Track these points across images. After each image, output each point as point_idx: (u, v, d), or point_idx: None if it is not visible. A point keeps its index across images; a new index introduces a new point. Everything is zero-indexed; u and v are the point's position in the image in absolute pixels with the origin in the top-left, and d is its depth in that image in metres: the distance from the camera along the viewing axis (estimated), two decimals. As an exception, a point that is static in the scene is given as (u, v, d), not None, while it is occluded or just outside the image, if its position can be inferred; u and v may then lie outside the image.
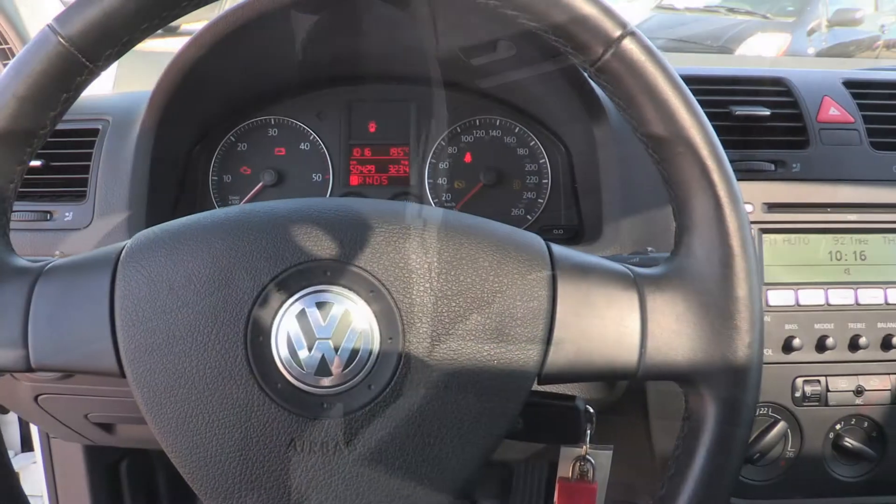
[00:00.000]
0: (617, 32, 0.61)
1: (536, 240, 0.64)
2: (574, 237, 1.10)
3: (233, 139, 1.18)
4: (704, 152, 0.61)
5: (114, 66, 1.51)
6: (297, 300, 0.60)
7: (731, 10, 7.16)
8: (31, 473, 1.64)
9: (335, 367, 0.59)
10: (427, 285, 0.60)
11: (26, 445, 1.81)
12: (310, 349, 0.59)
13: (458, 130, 1.17)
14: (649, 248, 0.93)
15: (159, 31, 0.67)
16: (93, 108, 1.09)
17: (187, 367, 0.59)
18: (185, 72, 1.00)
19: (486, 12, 0.63)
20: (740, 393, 0.61)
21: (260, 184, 1.16)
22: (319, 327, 0.59)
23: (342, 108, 1.19)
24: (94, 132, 1.06)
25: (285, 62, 1.11)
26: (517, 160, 1.17)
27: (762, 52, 6.16)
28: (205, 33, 0.98)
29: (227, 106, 1.16)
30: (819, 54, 6.32)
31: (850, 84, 1.08)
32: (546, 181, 1.16)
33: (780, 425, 0.99)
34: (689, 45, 6.33)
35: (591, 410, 0.85)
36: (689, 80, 1.04)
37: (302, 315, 0.59)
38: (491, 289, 0.60)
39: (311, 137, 1.18)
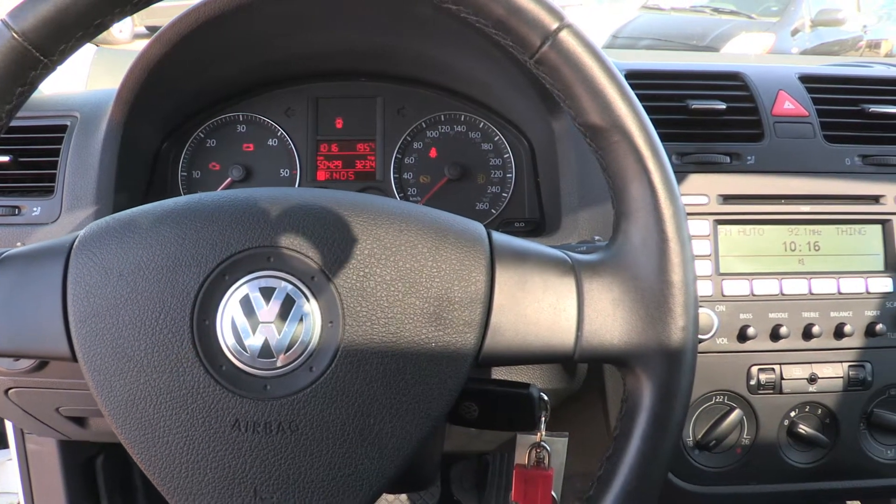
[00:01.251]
0: (554, 25, 0.62)
1: (476, 226, 0.66)
2: (535, 229, 1.12)
3: (202, 135, 1.19)
4: (639, 141, 0.63)
5: (87, 65, 1.52)
6: (241, 285, 0.61)
7: (716, 10, 7.20)
8: (6, 470, 1.65)
9: (277, 350, 0.61)
10: (366, 270, 0.62)
11: (0, 443, 1.81)
12: (253, 333, 0.61)
13: (424, 126, 1.19)
14: (596, 237, 0.95)
15: (145, 31, 0.68)
16: (62, 105, 1.11)
17: (136, 350, 0.61)
18: (149, 69, 1.01)
19: (430, 7, 0.64)
20: (675, 374, 0.63)
21: (228, 179, 1.17)
22: (262, 312, 0.61)
23: (310, 105, 1.20)
24: (63, 128, 1.07)
25: (251, 59, 1.13)
26: (482, 155, 1.18)
27: (747, 51, 6.20)
28: (168, 30, 1.00)
29: (196, 102, 1.17)
30: (804, 53, 6.37)
31: (805, 79, 1.10)
32: (510, 175, 1.17)
33: (736, 413, 1.01)
34: (674, 45, 6.36)
35: (546, 398, 0.87)
36: (648, 74, 1.08)
37: (246, 300, 0.61)
38: (429, 274, 0.62)
39: (279, 133, 1.19)
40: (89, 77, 1.51)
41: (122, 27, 7.30)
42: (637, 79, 1.07)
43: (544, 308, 0.63)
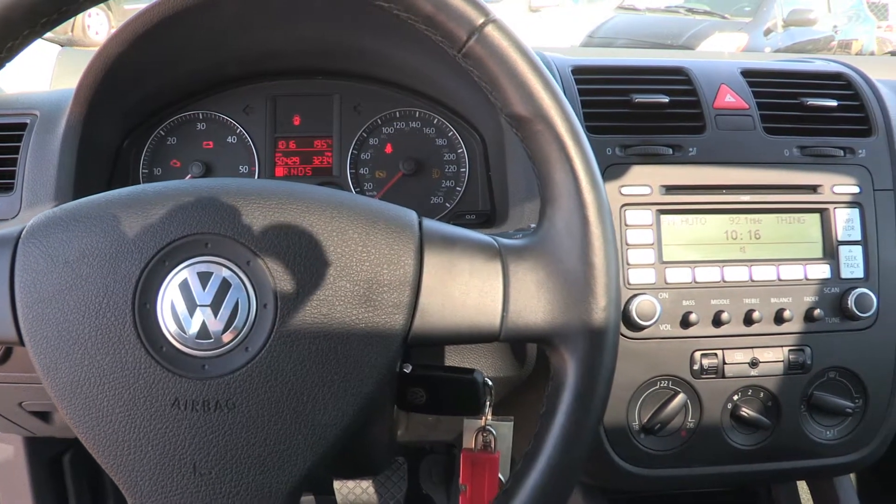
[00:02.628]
0: (480, 20, 0.66)
1: (407, 214, 0.69)
2: (486, 221, 1.15)
3: (162, 133, 1.21)
4: (562, 129, 0.66)
5: (51, 64, 1.54)
6: (180, 271, 0.64)
7: (690, 11, 7.28)
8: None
9: (214, 331, 0.64)
10: (299, 256, 0.65)
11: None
12: (191, 315, 0.64)
13: (379, 122, 1.21)
14: (532, 225, 0.98)
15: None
16: (22, 104, 1.13)
17: (80, 333, 0.64)
18: (107, 67, 1.03)
19: (361, 2, 0.67)
20: (597, 353, 0.66)
21: (188, 175, 1.20)
22: (200, 295, 0.64)
23: (268, 103, 1.23)
24: (23, 126, 1.09)
25: (208, 58, 1.15)
26: (436, 150, 1.21)
27: (721, 51, 6.27)
28: (125, 29, 1.02)
29: (155, 100, 1.20)
30: (776, 52, 6.44)
31: (747, 73, 1.13)
32: (464, 170, 1.20)
33: (680, 397, 1.03)
34: (650, 44, 6.43)
35: (490, 383, 0.90)
36: (594, 70, 1.11)
37: (184, 284, 0.64)
38: (359, 258, 0.65)
39: (238, 131, 1.22)
40: (53, 77, 1.53)
41: (99, 29, 7.27)
42: (583, 74, 1.10)
43: (471, 290, 0.66)
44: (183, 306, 0.64)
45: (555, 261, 0.67)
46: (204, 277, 0.64)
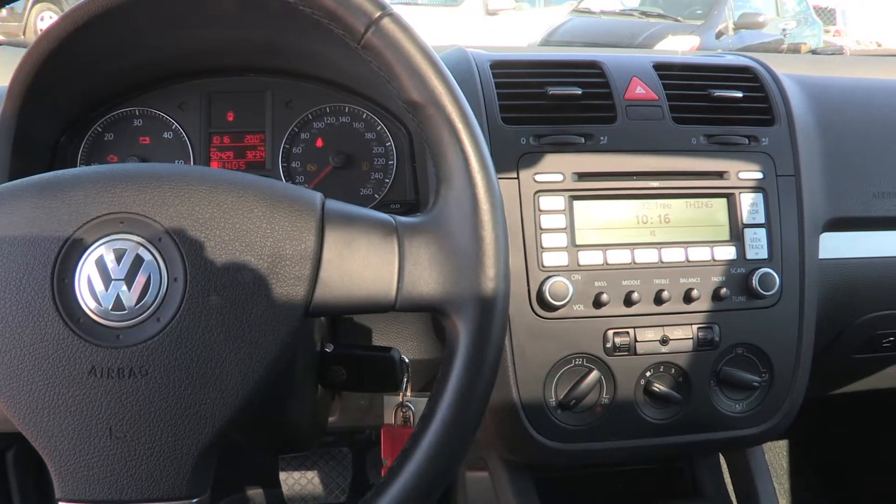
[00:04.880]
0: (377, 14, 0.72)
1: (311, 194, 0.74)
2: (410, 210, 1.20)
3: (99, 129, 1.24)
4: (453, 114, 0.71)
5: (-8, 65, 1.56)
6: (96, 248, 0.69)
7: (644, 14, 7.40)
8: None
9: (128, 303, 0.68)
10: (207, 232, 0.69)
11: None
12: (107, 289, 0.68)
13: (310, 117, 1.25)
14: None
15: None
16: None
17: (2, 308, 0.68)
18: (38, 64, 1.06)
19: None
20: (487, 320, 0.71)
21: None
22: (115, 270, 0.68)
23: (202, 99, 1.26)
24: None
25: (141, 56, 1.18)
26: (365, 144, 1.25)
27: (675, 51, 6.37)
28: (56, 26, 1.05)
29: (91, 97, 1.23)
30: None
31: (658, 66, 1.19)
32: (392, 162, 1.25)
33: (594, 374, 1.08)
34: (605, 47, 6.53)
35: (407, 360, 0.95)
36: (512, 64, 1.16)
37: (100, 260, 0.69)
38: (263, 234, 0.70)
39: (174, 127, 1.25)
40: (-6, 76, 1.55)
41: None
42: (501, 68, 1.15)
43: (369, 264, 0.71)
44: (99, 281, 0.68)
45: (447, 235, 0.72)
46: (119, 254, 0.69)
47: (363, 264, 0.71)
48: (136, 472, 0.68)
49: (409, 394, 0.97)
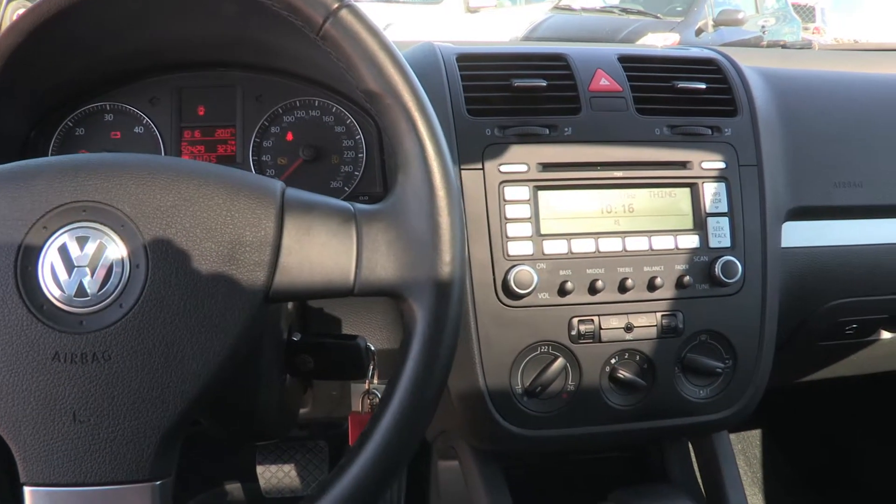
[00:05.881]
0: (335, 5, 0.74)
1: (272, 182, 0.75)
2: (377, 201, 1.21)
3: (70, 124, 1.25)
4: (409, 103, 0.73)
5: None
6: (59, 235, 0.70)
7: (624, 11, 7.43)
8: None
9: (91, 289, 0.69)
10: (168, 220, 0.71)
11: None
12: (70, 276, 0.69)
13: (281, 111, 1.27)
14: None
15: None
16: None
17: None
18: (4, 58, 1.07)
19: None
20: (443, 304, 0.73)
21: None
22: (78, 257, 0.70)
23: (173, 94, 1.27)
24: None
25: (108, 51, 1.19)
26: (335, 137, 1.27)
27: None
28: (21, 21, 1.05)
29: (61, 92, 1.23)
30: (707, 51, 6.59)
31: (623, 59, 1.21)
32: (361, 155, 1.26)
33: (559, 361, 1.10)
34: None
35: (373, 348, 0.96)
36: (477, 57, 1.17)
37: (63, 248, 0.70)
38: (224, 221, 0.71)
39: (145, 121, 1.26)
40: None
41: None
42: (467, 61, 1.17)
43: (328, 250, 0.73)
44: (62, 268, 0.69)
45: (404, 222, 0.73)
46: (81, 241, 0.70)
47: (322, 250, 0.73)
48: (99, 455, 0.69)
49: (375, 381, 0.99)
